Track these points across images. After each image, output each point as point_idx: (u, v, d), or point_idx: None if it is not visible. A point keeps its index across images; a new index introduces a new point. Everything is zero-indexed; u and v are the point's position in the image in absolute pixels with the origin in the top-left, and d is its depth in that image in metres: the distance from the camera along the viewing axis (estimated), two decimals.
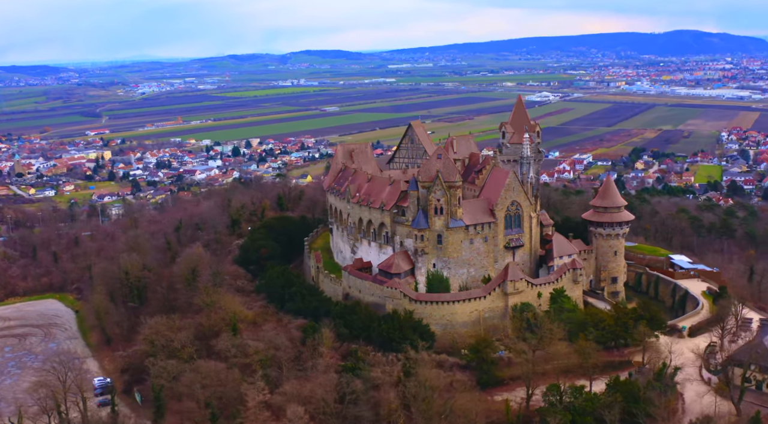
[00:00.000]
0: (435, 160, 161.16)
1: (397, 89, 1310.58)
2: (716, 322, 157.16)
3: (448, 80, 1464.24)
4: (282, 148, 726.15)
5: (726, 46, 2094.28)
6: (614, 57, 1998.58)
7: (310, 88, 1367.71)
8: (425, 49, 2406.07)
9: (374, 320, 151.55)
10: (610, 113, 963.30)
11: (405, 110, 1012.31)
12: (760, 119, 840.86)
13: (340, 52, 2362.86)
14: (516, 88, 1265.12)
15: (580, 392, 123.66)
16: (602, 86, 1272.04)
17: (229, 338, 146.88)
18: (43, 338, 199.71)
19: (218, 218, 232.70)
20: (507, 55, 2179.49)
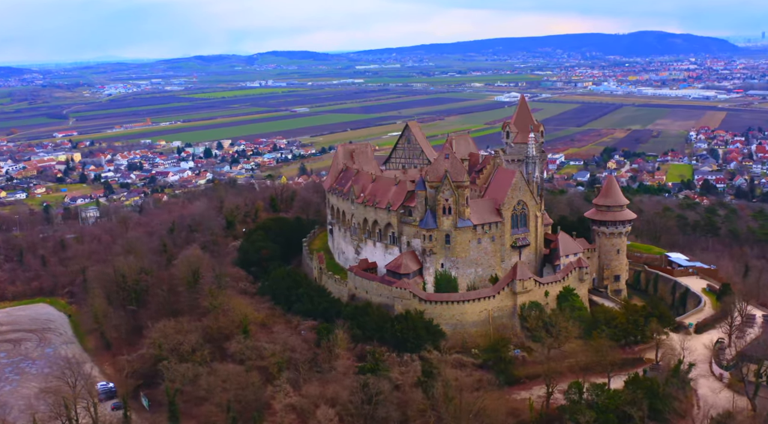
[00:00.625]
0: (443, 160, 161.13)
1: (366, 90, 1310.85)
2: (721, 319, 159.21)
3: (416, 81, 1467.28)
4: (254, 150, 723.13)
5: (689, 47, 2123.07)
6: (580, 58, 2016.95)
7: (278, 89, 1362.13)
8: (392, 50, 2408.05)
9: (387, 320, 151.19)
10: (579, 113, 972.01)
11: (375, 111, 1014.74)
12: (726, 119, 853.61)
13: (307, 53, 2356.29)
14: (484, 89, 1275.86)
15: (602, 390, 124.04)
16: (570, 87, 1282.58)
17: (242, 341, 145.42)
18: (39, 343, 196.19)
19: (211, 220, 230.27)
20: (473, 55, 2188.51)
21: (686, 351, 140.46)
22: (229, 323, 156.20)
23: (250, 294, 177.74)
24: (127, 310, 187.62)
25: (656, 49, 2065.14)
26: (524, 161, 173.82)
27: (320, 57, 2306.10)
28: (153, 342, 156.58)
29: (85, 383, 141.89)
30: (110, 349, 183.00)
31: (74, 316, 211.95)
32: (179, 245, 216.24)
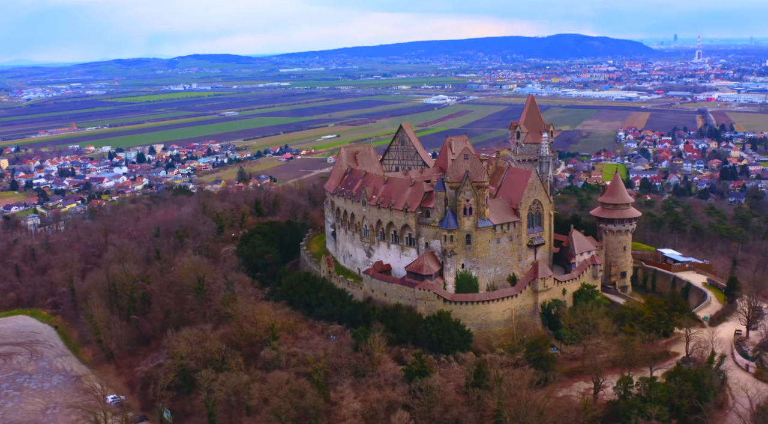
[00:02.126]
0: (462, 160, 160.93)
1: (293, 93, 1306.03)
2: (731, 312, 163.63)
3: (342, 84, 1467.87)
4: (188, 154, 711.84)
5: (606, 49, 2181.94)
6: (501, 60, 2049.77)
7: (204, 93, 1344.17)
8: (315, 53, 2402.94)
9: (419, 322, 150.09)
10: (508, 115, 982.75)
11: (306, 114, 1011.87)
12: (651, 119, 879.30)
13: (229, 57, 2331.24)
14: (412, 92, 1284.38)
15: (653, 383, 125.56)
16: (495, 89, 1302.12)
17: (277, 347, 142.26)
18: (30, 356, 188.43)
19: (198, 225, 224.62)
20: (396, 58, 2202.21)
21: (708, 343, 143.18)
22: (256, 330, 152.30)
23: (261, 300, 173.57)
24: (129, 319, 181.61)
25: (575, 52, 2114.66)
26: (538, 161, 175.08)
27: (243, 60, 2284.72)
28: (172, 352, 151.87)
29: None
30: (113, 360, 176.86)
31: (61, 327, 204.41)
32: (169, 252, 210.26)
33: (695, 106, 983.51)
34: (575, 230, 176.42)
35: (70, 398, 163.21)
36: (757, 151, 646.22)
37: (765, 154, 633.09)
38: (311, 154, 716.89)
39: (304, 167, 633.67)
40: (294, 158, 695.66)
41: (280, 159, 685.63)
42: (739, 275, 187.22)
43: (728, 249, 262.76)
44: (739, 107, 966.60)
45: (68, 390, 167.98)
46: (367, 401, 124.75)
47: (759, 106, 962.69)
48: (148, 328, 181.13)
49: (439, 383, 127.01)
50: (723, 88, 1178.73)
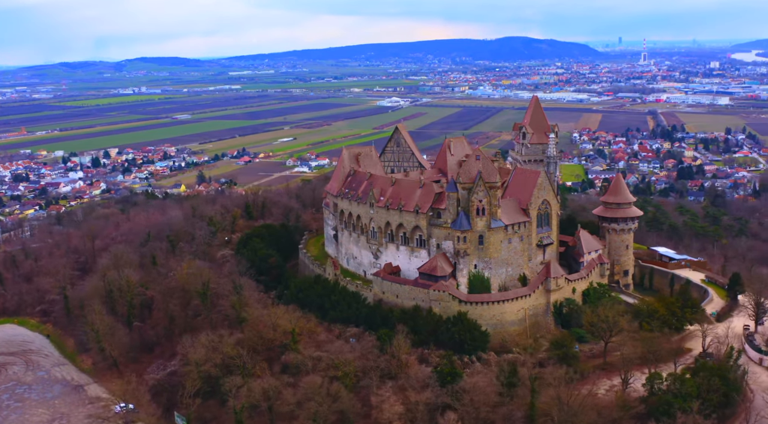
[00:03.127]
0: (474, 161, 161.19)
1: (245, 96, 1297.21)
2: (736, 307, 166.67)
3: (294, 87, 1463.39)
4: (144, 158, 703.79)
5: (554, 52, 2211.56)
6: (450, 63, 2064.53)
7: (154, 96, 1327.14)
8: (264, 56, 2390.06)
9: (440, 323, 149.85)
10: (463, 117, 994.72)
11: (260, 117, 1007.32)
12: (603, 120, 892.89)
13: (177, 59, 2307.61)
14: (365, 95, 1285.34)
15: (683, 379, 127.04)
16: (448, 91, 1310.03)
17: (302, 352, 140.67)
18: (26, 366, 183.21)
19: (188, 229, 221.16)
20: (346, 61, 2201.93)
21: (720, 338, 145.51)
22: (274, 335, 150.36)
23: (267, 303, 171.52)
24: (130, 326, 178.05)
25: (522, 54, 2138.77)
26: (545, 161, 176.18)
27: (191, 63, 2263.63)
28: (187, 358, 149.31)
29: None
30: (116, 368, 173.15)
31: (54, 336, 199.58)
32: (163, 257, 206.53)
33: (645, 108, 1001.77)
34: (583, 230, 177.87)
35: (76, 408, 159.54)
36: (709, 151, 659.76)
37: (717, 154, 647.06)
38: (269, 157, 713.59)
39: (263, 170, 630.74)
40: (252, 161, 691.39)
41: (239, 162, 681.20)
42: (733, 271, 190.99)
43: (705, 247, 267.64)
44: (688, 108, 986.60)
45: (72, 400, 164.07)
46: (407, 403, 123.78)
47: (707, 107, 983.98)
48: (151, 335, 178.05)
49: (483, 384, 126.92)
50: (671, 89, 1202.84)
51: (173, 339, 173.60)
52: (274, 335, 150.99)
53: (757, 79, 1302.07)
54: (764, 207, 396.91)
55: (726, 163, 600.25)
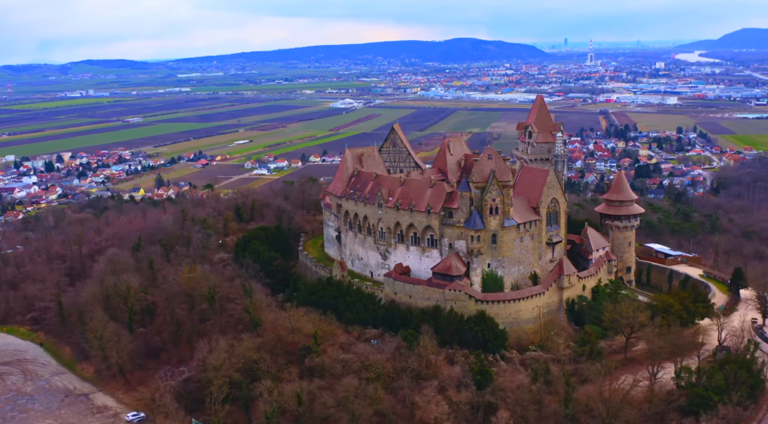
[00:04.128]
0: (486, 160, 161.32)
1: (195, 99, 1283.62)
2: (740, 301, 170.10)
3: (245, 89, 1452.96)
4: (99, 162, 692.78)
5: (502, 53, 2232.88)
6: (400, 64, 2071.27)
7: (102, 99, 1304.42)
8: (212, 58, 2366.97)
9: (463, 323, 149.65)
10: (417, 118, 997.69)
11: (212, 120, 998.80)
12: (556, 120, 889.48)
13: (124, 62, 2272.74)
14: (317, 96, 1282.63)
15: (711, 372, 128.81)
16: (400, 93, 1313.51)
17: (330, 354, 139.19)
18: (24, 376, 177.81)
19: (181, 233, 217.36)
20: (296, 63, 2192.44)
21: (745, 332, 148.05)
22: (294, 338, 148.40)
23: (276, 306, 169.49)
24: (132, 332, 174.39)
25: (471, 56, 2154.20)
26: (552, 160, 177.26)
27: (138, 66, 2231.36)
28: (203, 363, 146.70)
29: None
30: (122, 375, 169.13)
31: (48, 344, 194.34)
32: (159, 262, 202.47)
33: (597, 108, 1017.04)
34: (590, 227, 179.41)
35: (84, 417, 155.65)
36: (663, 149, 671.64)
37: (671, 152, 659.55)
38: (227, 159, 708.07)
39: (222, 173, 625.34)
40: (210, 164, 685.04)
41: (196, 165, 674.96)
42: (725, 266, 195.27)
43: (681, 243, 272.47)
44: (638, 108, 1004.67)
45: (79, 409, 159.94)
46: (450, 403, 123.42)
47: (656, 107, 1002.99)
48: (157, 341, 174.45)
49: (519, 382, 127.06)
50: (620, 89, 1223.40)
51: (180, 345, 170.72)
52: (294, 338, 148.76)
53: (702, 80, 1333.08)
54: (726, 204, 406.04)
55: (680, 161, 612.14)
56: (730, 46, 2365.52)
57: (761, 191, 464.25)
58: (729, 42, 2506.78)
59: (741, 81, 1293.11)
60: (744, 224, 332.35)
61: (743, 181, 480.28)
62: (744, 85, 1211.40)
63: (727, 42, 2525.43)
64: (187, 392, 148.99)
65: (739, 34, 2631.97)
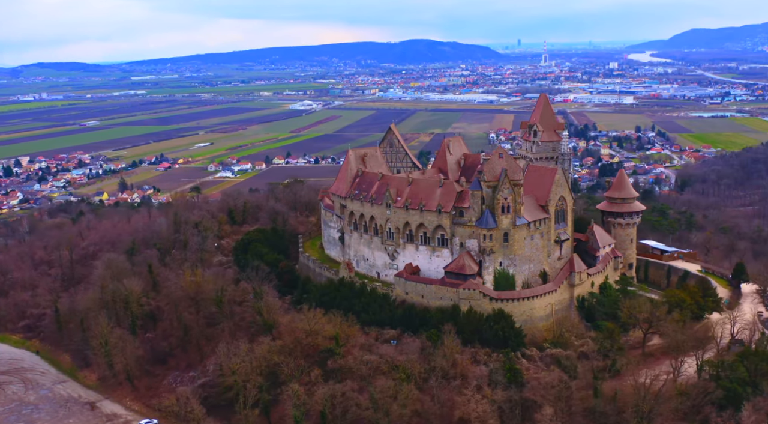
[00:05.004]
0: (497, 159, 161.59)
1: (152, 101, 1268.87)
2: (742, 295, 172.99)
3: (202, 91, 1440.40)
4: (58, 166, 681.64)
5: (457, 54, 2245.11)
6: (356, 66, 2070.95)
7: (57, 103, 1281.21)
8: (167, 61, 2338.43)
9: (482, 322, 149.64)
10: (378, 119, 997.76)
11: (170, 122, 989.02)
12: (516, 120, 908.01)
13: (76, 65, 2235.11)
14: (275, 98, 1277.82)
15: (733, 365, 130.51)
16: (358, 94, 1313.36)
17: (356, 356, 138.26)
18: (25, 385, 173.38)
19: (176, 237, 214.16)
20: (251, 65, 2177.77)
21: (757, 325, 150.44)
22: (313, 340, 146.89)
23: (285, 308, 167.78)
24: (136, 338, 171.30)
25: (426, 57, 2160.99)
26: (559, 158, 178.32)
27: (91, 68, 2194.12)
28: (219, 367, 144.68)
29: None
30: (129, 382, 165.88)
31: (45, 352, 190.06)
32: (157, 267, 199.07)
33: (555, 108, 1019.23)
34: (596, 225, 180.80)
35: None
36: (623, 148, 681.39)
37: (632, 151, 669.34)
38: (189, 162, 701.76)
39: (185, 176, 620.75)
40: (172, 167, 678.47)
41: (158, 168, 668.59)
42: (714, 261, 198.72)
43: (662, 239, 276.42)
44: (595, 108, 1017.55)
45: (87, 418, 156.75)
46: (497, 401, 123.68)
47: (613, 106, 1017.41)
48: (164, 346, 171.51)
49: (565, 379, 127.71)
50: (576, 89, 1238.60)
51: (188, 349, 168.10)
52: (313, 340, 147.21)
53: (656, 79, 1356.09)
54: (698, 201, 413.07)
55: (642, 160, 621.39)
56: (680, 46, 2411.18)
57: (726, 188, 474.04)
58: (679, 42, 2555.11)
59: (694, 80, 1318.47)
60: (718, 221, 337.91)
61: (708, 179, 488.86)
62: (697, 85, 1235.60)
63: (677, 42, 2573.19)
64: (204, 397, 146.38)
65: (689, 34, 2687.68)
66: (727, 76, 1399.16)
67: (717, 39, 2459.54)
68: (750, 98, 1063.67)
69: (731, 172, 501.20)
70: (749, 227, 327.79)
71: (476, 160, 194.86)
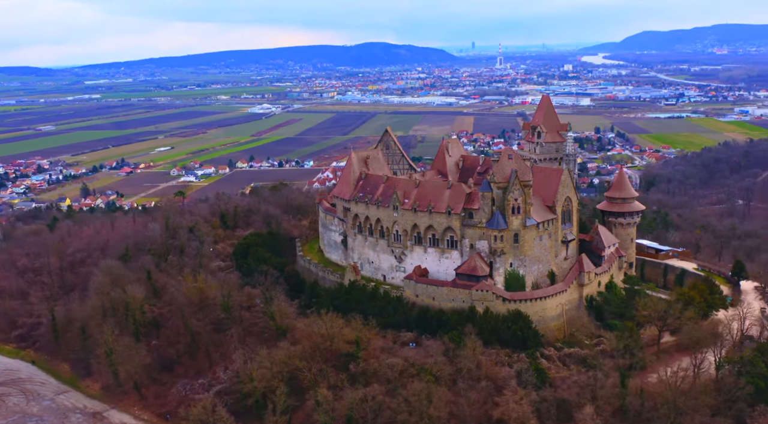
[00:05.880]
0: (507, 160, 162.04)
1: (107, 106, 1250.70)
2: (741, 292, 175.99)
3: (157, 95, 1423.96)
4: (17, 172, 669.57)
5: (412, 57, 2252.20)
6: (312, 69, 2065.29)
7: (9, 108, 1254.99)
8: (120, 64, 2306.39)
9: (500, 323, 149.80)
10: (338, 122, 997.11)
11: (128, 127, 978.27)
12: (476, 122, 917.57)
13: (28, 69, 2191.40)
14: (233, 102, 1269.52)
15: (753, 361, 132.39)
16: (316, 97, 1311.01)
17: (382, 358, 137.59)
18: (25, 396, 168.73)
19: (161, 241, 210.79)
20: (206, 69, 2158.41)
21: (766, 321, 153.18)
22: (331, 344, 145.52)
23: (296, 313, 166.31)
24: (150, 345, 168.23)
25: (382, 60, 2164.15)
26: (563, 159, 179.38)
27: (43, 72, 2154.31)
28: (236, 374, 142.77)
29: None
30: (136, 390, 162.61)
31: (41, 362, 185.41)
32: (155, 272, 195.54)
33: (513, 109, 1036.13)
34: (600, 225, 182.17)
35: None
36: (584, 149, 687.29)
37: (593, 152, 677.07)
38: (150, 167, 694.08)
39: (148, 181, 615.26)
40: (134, 172, 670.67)
41: (120, 173, 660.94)
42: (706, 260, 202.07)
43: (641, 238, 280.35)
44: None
45: None
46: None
47: (571, 108, 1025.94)
48: (171, 353, 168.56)
49: (600, 377, 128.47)
50: (533, 91, 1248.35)
51: (196, 356, 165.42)
52: (332, 344, 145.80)
53: (611, 81, 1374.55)
54: (665, 200, 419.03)
55: (604, 160, 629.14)
56: (632, 48, 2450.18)
57: (691, 188, 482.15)
58: (631, 44, 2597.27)
59: (647, 82, 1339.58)
60: (691, 219, 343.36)
61: (674, 179, 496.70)
62: (651, 86, 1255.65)
63: (629, 44, 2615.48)
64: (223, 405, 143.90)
65: (640, 36, 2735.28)
66: (679, 77, 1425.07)
67: (668, 41, 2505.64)
68: (704, 99, 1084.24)
69: (696, 172, 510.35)
70: (722, 225, 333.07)
71: (475, 161, 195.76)
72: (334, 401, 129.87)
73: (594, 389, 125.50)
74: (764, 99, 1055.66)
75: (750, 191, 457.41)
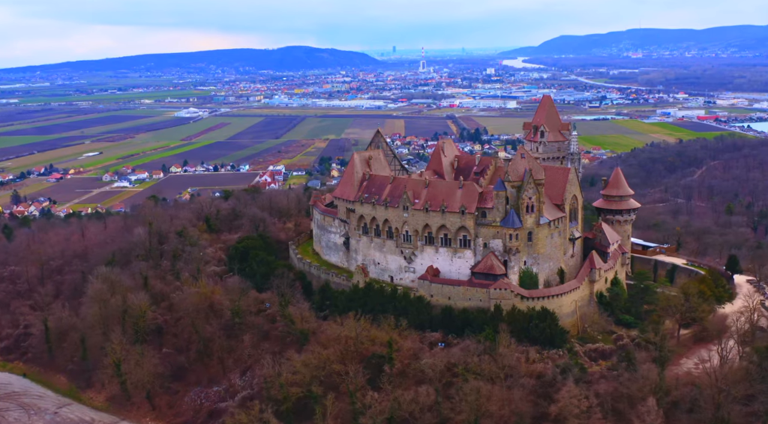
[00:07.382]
0: (520, 159, 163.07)
1: (26, 110, 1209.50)
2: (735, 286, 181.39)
3: (78, 99, 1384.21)
4: None
5: (335, 61, 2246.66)
6: (234, 72, 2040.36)
7: None
8: (36, 68, 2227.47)
9: (526, 320, 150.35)
10: (269, 126, 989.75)
11: (50, 132, 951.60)
12: (407, 125, 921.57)
13: None
14: (158, 106, 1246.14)
15: None
16: (243, 101, 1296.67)
17: (420, 360, 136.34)
18: (26, 411, 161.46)
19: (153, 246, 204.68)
20: (125, 72, 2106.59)
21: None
22: (358, 347, 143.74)
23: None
24: (161, 353, 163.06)
25: (305, 64, 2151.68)
26: (568, 158, 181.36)
27: None
28: (264, 380, 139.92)
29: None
30: (148, 400, 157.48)
31: (33, 374, 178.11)
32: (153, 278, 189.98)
33: (442, 112, 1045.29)
34: (603, 222, 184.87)
35: None
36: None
37: None
38: (80, 173, 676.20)
39: (80, 187, 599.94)
40: (64, 178, 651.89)
41: (50, 179, 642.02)
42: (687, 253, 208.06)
43: None
44: (482, 112, 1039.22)
45: None
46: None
47: (498, 111, 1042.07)
48: (182, 360, 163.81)
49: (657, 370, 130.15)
50: (459, 95, 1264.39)
51: (208, 363, 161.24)
52: (362, 347, 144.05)
53: (534, 84, 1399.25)
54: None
55: None
56: (550, 52, 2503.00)
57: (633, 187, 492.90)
58: (549, 48, 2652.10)
59: (569, 85, 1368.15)
60: (645, 217, 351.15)
61: None
62: (573, 89, 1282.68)
63: (547, 48, 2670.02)
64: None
65: (558, 40, 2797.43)
66: (599, 80, 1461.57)
67: (584, 45, 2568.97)
68: (626, 101, 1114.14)
69: (635, 172, 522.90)
70: (676, 222, 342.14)
71: (471, 161, 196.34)
72: (377, 402, 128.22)
73: (651, 382, 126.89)
74: (683, 101, 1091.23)
75: (690, 189, 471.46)
